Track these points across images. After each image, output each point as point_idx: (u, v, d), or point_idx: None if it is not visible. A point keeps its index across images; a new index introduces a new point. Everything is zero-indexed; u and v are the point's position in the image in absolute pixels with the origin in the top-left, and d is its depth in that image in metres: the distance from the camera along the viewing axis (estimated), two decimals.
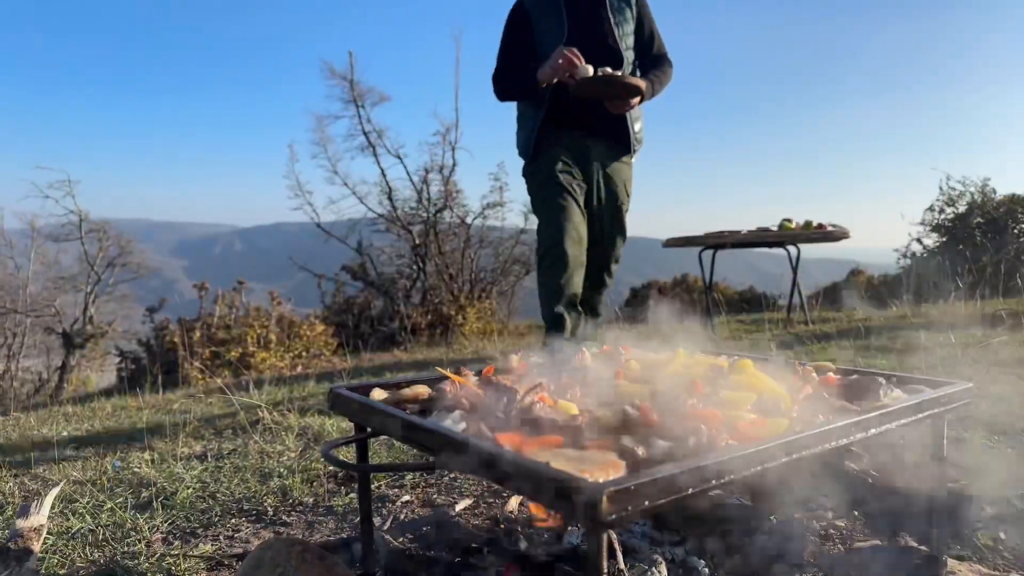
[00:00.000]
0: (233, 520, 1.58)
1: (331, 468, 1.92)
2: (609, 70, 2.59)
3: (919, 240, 9.71)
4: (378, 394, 0.99)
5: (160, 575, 1.28)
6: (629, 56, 2.87)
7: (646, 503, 0.60)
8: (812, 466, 0.78)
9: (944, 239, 9.30)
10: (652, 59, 2.93)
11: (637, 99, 2.71)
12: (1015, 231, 8.69)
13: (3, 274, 11.39)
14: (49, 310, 10.75)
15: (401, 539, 1.40)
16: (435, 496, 1.65)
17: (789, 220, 5.24)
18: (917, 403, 0.93)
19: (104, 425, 3.26)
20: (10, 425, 3.70)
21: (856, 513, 1.36)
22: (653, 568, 1.07)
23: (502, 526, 1.32)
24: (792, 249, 5.29)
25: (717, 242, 5.19)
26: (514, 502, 1.45)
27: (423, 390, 0.98)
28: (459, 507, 1.52)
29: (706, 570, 1.13)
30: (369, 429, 0.92)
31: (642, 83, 2.63)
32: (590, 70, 2.57)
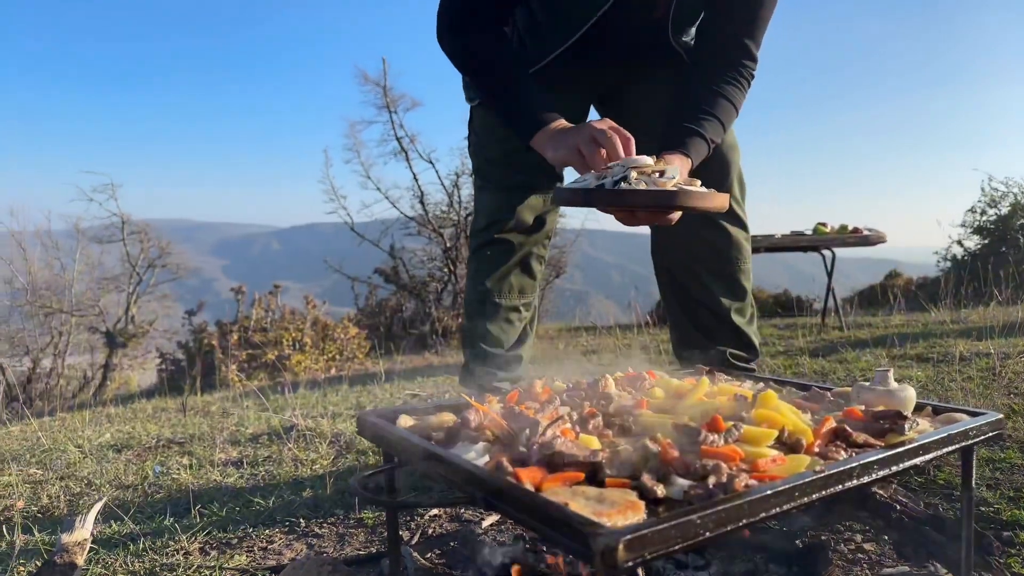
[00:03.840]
0: (267, 531, 1.62)
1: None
2: (677, 170, 1.36)
3: (959, 243, 9.48)
4: (405, 421, 1.01)
5: None
6: (684, 42, 1.86)
7: (663, 548, 0.62)
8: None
9: (986, 241, 9.06)
10: (721, 69, 1.73)
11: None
12: None
13: (50, 274, 11.75)
14: (93, 310, 11.07)
15: (429, 554, 1.42)
16: (463, 510, 1.67)
17: (824, 224, 5.17)
18: (944, 437, 0.92)
19: (145, 427, 3.36)
20: (55, 426, 3.83)
21: (886, 537, 1.35)
22: None
23: (527, 545, 1.33)
24: (827, 253, 5.22)
25: (751, 247, 5.13)
26: None
27: (449, 418, 1.00)
28: (486, 523, 1.54)
29: None
30: (396, 459, 0.95)
31: (726, 199, 1.43)
32: (645, 161, 1.35)
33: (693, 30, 1.86)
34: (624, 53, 1.86)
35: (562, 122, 1.58)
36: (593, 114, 2.09)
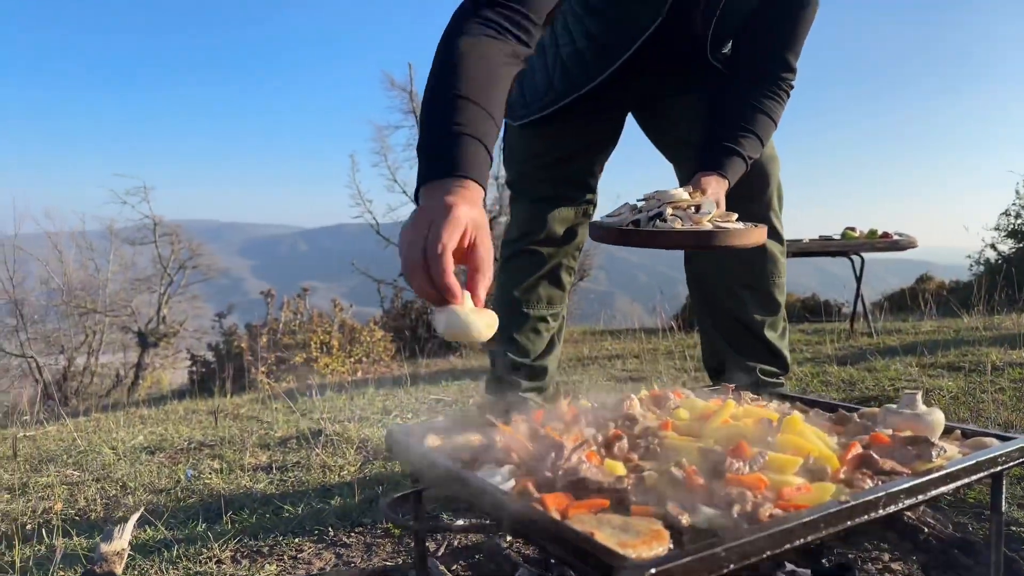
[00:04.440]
0: (296, 540, 1.65)
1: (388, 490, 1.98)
2: (712, 204, 1.42)
3: (993, 246, 9.28)
4: (432, 441, 1.03)
5: None
6: (722, 55, 1.83)
7: None
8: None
9: (1020, 245, 8.87)
10: (760, 83, 1.72)
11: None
12: None
13: (84, 275, 12.03)
14: (126, 310, 11.32)
15: (455, 566, 1.44)
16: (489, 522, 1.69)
17: (852, 229, 5.10)
18: (972, 464, 0.91)
19: (177, 429, 3.43)
20: (90, 427, 3.92)
21: (914, 558, 1.34)
22: None
23: (552, 559, 1.34)
24: (856, 258, 5.15)
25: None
26: None
27: (475, 439, 1.02)
28: (511, 536, 1.56)
29: None
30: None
31: (763, 234, 1.53)
32: (680, 196, 1.39)
33: (730, 42, 1.85)
34: (662, 69, 1.85)
35: (465, 190, 1.02)
36: (630, 121, 2.08)
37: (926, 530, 1.29)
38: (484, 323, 0.93)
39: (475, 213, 0.98)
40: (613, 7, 1.70)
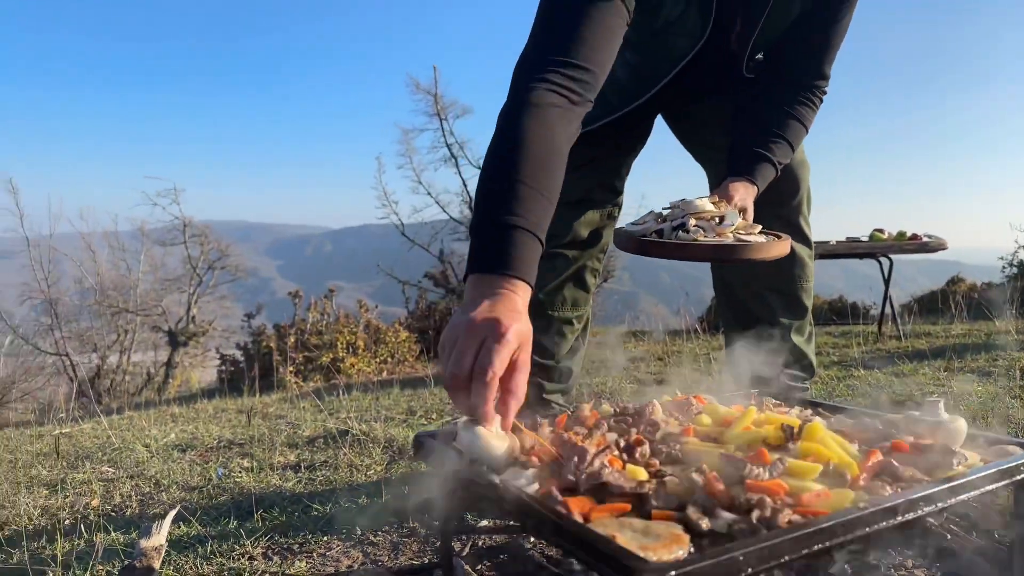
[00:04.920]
0: (325, 538, 1.69)
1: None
2: (736, 216, 1.42)
3: None
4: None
5: None
6: (755, 64, 1.82)
7: None
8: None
9: None
10: (793, 90, 1.72)
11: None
12: None
13: (116, 275, 12.29)
14: (156, 309, 11.54)
15: (479, 566, 1.47)
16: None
17: (880, 230, 5.05)
18: (994, 473, 0.92)
19: (207, 428, 3.51)
20: (124, 424, 4.03)
21: (937, 565, 1.34)
22: None
23: (575, 561, 1.37)
24: (884, 260, 5.10)
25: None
26: None
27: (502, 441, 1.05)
28: (535, 537, 1.58)
29: None
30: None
31: (787, 246, 1.55)
32: (705, 207, 1.42)
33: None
34: (695, 82, 1.85)
35: (514, 294, 1.05)
36: (660, 123, 2.09)
37: (949, 537, 1.29)
38: (504, 449, 0.95)
39: (523, 327, 0.99)
40: (651, 40, 1.70)
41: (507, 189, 1.12)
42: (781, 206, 1.79)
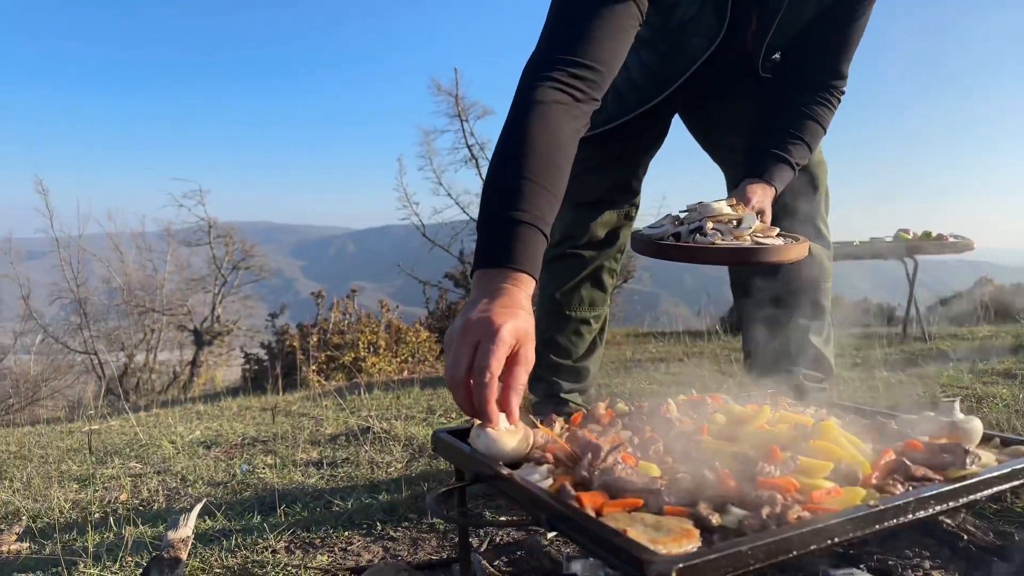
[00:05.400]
0: (346, 533, 1.73)
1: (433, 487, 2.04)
2: (753, 219, 1.41)
3: None
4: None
5: None
6: (771, 63, 1.83)
7: None
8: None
9: None
10: (811, 91, 1.71)
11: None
12: None
13: (143, 275, 12.49)
14: (182, 309, 11.71)
15: (497, 562, 1.49)
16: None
17: (905, 231, 4.99)
18: (1008, 472, 0.92)
19: (231, 425, 3.57)
20: (150, 421, 4.11)
21: (953, 565, 1.34)
22: None
23: (591, 558, 1.38)
24: (909, 261, 5.04)
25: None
26: None
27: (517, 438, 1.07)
28: (551, 534, 1.60)
29: None
30: (467, 476, 1.02)
31: (805, 249, 1.54)
32: (722, 210, 1.42)
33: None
34: (711, 82, 1.85)
35: (515, 287, 1.07)
36: (677, 122, 2.09)
37: (965, 537, 1.29)
38: (516, 441, 0.99)
39: (519, 323, 1.00)
40: (667, 40, 1.71)
41: (510, 186, 1.14)
42: (799, 207, 1.79)
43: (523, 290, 1.06)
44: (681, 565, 0.65)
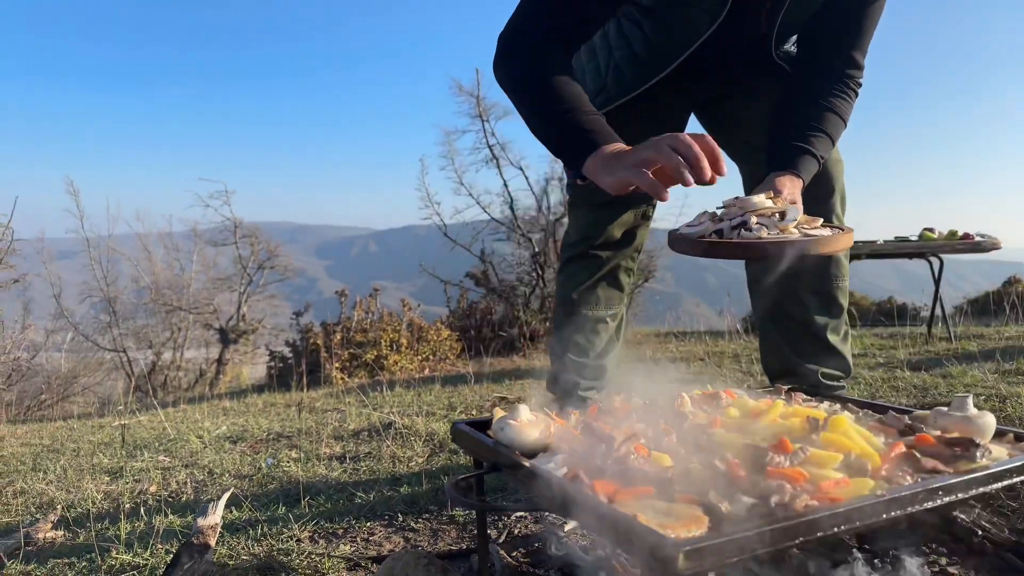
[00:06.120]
0: (368, 524, 1.77)
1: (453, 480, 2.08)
2: (797, 211, 1.33)
3: None
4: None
5: (309, 572, 1.48)
6: (786, 52, 1.82)
7: (720, 561, 0.69)
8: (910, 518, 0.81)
9: None
10: (827, 81, 1.70)
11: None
12: None
13: (171, 274, 12.69)
14: (208, 308, 11.88)
15: (515, 553, 1.52)
16: (546, 513, 1.77)
17: (931, 230, 4.93)
18: (1018, 465, 0.93)
19: (257, 421, 3.64)
20: (178, 417, 4.20)
21: (971, 562, 1.34)
22: None
23: (607, 547, 1.41)
24: (934, 260, 4.98)
25: (852, 253, 4.96)
26: None
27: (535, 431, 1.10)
28: (568, 526, 1.63)
29: None
30: (485, 465, 1.05)
31: (851, 238, 1.42)
32: (764, 203, 1.32)
33: (794, 38, 1.83)
34: (724, 67, 1.85)
35: (620, 145, 1.36)
36: (693, 121, 2.10)
37: (980, 533, 1.30)
38: (538, 432, 1.06)
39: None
40: (670, 12, 1.71)
41: (567, 115, 1.45)
42: (816, 206, 1.79)
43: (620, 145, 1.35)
44: (688, 548, 0.67)
